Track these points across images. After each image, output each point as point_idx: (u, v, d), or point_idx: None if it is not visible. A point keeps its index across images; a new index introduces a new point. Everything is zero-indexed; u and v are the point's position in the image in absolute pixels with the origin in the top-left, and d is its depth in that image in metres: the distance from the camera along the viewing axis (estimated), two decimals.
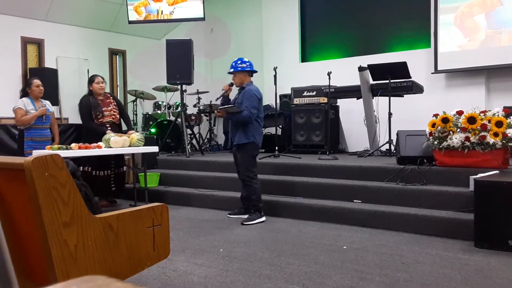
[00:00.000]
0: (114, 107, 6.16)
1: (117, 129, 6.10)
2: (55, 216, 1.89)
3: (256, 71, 5.47)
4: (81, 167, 5.76)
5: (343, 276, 3.30)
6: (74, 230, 1.96)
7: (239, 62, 5.31)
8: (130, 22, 9.02)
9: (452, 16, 7.73)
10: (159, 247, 2.38)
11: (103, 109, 6.03)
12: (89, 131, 5.99)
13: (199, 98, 9.23)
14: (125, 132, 6.04)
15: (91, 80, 6.14)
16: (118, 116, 6.19)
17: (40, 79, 6.12)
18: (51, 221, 1.87)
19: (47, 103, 6.10)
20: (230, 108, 5.18)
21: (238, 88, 5.39)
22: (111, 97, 6.24)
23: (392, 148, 6.59)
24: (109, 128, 5.97)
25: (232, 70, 5.32)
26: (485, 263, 3.56)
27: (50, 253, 1.87)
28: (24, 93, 5.98)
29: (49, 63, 8.69)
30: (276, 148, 7.12)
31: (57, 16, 8.77)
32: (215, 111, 5.41)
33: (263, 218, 5.15)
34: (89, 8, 9.03)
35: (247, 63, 5.33)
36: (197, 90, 9.08)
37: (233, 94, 5.46)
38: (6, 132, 7.13)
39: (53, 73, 8.35)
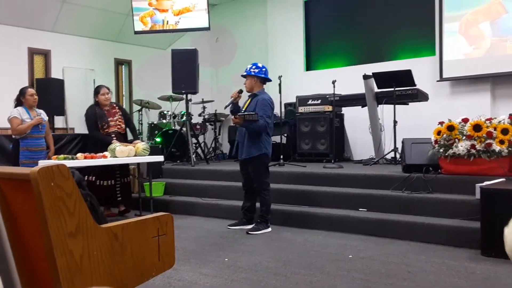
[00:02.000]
0: (120, 117, 6.17)
1: (122, 139, 6.11)
2: (60, 226, 1.89)
3: (270, 80, 5.39)
4: (86, 177, 5.75)
5: (349, 286, 3.28)
6: (79, 240, 1.96)
7: (253, 67, 5.23)
8: (136, 33, 9.07)
9: (457, 24, 7.73)
10: (164, 256, 2.38)
11: (109, 119, 6.05)
12: (95, 141, 6.02)
13: (204, 107, 9.26)
14: (130, 142, 6.06)
15: (96, 92, 6.15)
16: (123, 126, 6.20)
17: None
18: (56, 231, 1.87)
19: (42, 112, 6.07)
20: (250, 115, 5.02)
21: (248, 94, 5.34)
22: (116, 107, 6.26)
23: (398, 156, 6.58)
24: (114, 138, 5.99)
25: (245, 73, 5.28)
26: (492, 271, 3.53)
27: (55, 263, 1.88)
28: (19, 103, 5.91)
29: (55, 74, 8.75)
30: (281, 156, 7.11)
31: (63, 27, 8.84)
32: (232, 118, 5.27)
33: (269, 229, 5.13)
34: (96, 19, 9.10)
35: (262, 69, 5.24)
36: (202, 99, 9.11)
37: (241, 102, 5.41)
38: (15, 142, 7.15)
39: (60, 83, 8.40)
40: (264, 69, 5.26)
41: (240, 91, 5.29)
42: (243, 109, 5.25)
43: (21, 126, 5.73)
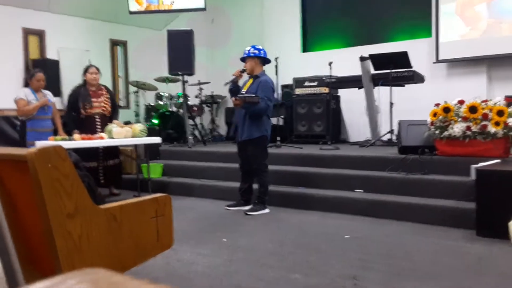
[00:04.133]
0: (106, 99, 6.13)
1: (107, 121, 6.05)
2: (59, 208, 1.90)
3: (269, 60, 5.37)
4: None
5: (346, 265, 3.32)
6: (78, 221, 1.98)
7: (252, 49, 5.22)
8: (131, 13, 8.99)
9: (453, 5, 7.68)
10: (162, 237, 2.40)
11: (93, 99, 6.01)
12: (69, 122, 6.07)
13: (200, 89, 9.23)
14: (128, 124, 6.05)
15: (85, 70, 6.14)
16: (109, 108, 6.15)
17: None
18: (55, 213, 1.88)
19: (48, 93, 6.07)
20: (250, 97, 4.99)
21: (248, 76, 5.31)
22: (104, 89, 6.22)
23: (394, 137, 6.60)
24: (97, 120, 5.98)
25: (245, 55, 5.26)
26: (487, 251, 3.58)
27: (54, 244, 1.89)
28: (26, 83, 5.96)
29: (50, 54, 8.68)
30: (278, 138, 7.12)
31: (58, 6, 8.74)
32: (232, 99, 5.23)
33: (267, 210, 5.15)
34: None
35: (261, 51, 5.23)
36: (199, 80, 9.07)
37: (241, 83, 5.38)
38: (9, 124, 7.14)
39: (55, 64, 8.35)
40: (262, 51, 5.26)
41: (243, 71, 5.26)
42: (243, 90, 5.23)
43: (27, 107, 5.74)
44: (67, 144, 4.85)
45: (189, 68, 7.68)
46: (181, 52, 7.62)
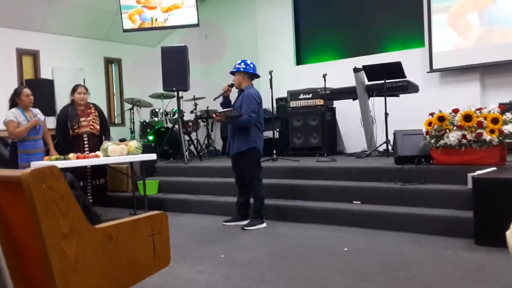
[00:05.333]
0: (95, 117, 6.11)
1: (96, 140, 6.04)
2: (54, 228, 1.88)
3: (258, 76, 5.40)
4: None
5: (345, 278, 3.30)
6: (73, 241, 1.96)
7: (242, 64, 5.25)
8: (125, 31, 9.02)
9: (445, 16, 7.75)
10: (159, 255, 2.38)
11: (81, 119, 5.99)
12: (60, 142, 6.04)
13: (195, 104, 9.23)
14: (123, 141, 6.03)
15: (73, 90, 6.11)
16: (97, 127, 6.11)
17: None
18: (50, 233, 1.87)
19: (38, 111, 5.88)
20: (230, 111, 5.06)
21: (238, 90, 5.33)
22: (93, 108, 6.19)
23: (390, 148, 6.60)
24: (85, 139, 5.96)
25: (234, 70, 5.29)
26: (486, 260, 3.56)
27: (50, 265, 1.87)
28: (13, 103, 5.71)
29: (45, 74, 8.68)
30: (274, 151, 7.12)
31: (52, 27, 8.78)
32: (213, 115, 5.29)
33: (264, 225, 5.13)
34: (84, 18, 9.03)
35: (249, 65, 5.25)
36: (194, 96, 9.08)
37: (233, 97, 5.41)
38: (2, 143, 7.10)
39: (49, 84, 8.34)
40: (252, 65, 5.28)
41: (231, 85, 5.30)
42: (233, 105, 5.26)
43: (18, 130, 5.54)
44: (62, 164, 4.83)
45: (184, 84, 7.70)
46: (175, 68, 7.64)
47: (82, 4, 8.82)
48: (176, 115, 8.29)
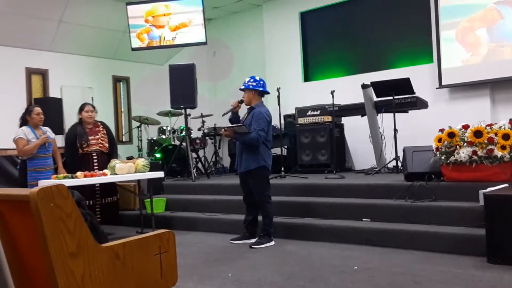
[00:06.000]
0: (103, 135, 6.11)
1: (105, 158, 6.02)
2: (61, 247, 1.87)
3: (268, 92, 5.37)
4: None
5: None
6: (80, 260, 1.94)
7: (251, 80, 5.23)
8: (134, 49, 9.09)
9: (453, 32, 7.74)
10: (166, 274, 2.35)
11: (90, 137, 5.99)
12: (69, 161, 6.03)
13: (203, 122, 9.25)
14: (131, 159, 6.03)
15: (81, 108, 6.11)
16: (106, 145, 6.11)
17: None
18: (57, 252, 1.85)
19: (48, 130, 5.91)
20: (239, 127, 5.03)
21: (247, 107, 5.32)
22: (101, 126, 6.20)
23: (399, 164, 6.55)
24: (95, 158, 5.97)
25: (243, 87, 5.28)
26: (498, 278, 3.49)
27: (56, 284, 1.85)
28: (24, 122, 5.76)
29: (53, 93, 8.75)
30: (282, 169, 7.08)
31: (60, 46, 8.86)
32: (222, 130, 5.27)
33: (272, 243, 5.07)
34: (92, 36, 9.12)
35: (259, 82, 5.23)
36: (201, 113, 9.10)
37: (242, 113, 5.40)
38: (11, 162, 7.12)
39: (58, 102, 8.39)
40: (261, 82, 5.26)
41: (241, 101, 5.29)
42: (243, 122, 5.23)
43: (27, 147, 5.54)
44: (70, 182, 4.82)
45: (192, 102, 7.72)
46: (183, 86, 7.67)
47: (91, 23, 8.91)
48: (183, 133, 8.30)
